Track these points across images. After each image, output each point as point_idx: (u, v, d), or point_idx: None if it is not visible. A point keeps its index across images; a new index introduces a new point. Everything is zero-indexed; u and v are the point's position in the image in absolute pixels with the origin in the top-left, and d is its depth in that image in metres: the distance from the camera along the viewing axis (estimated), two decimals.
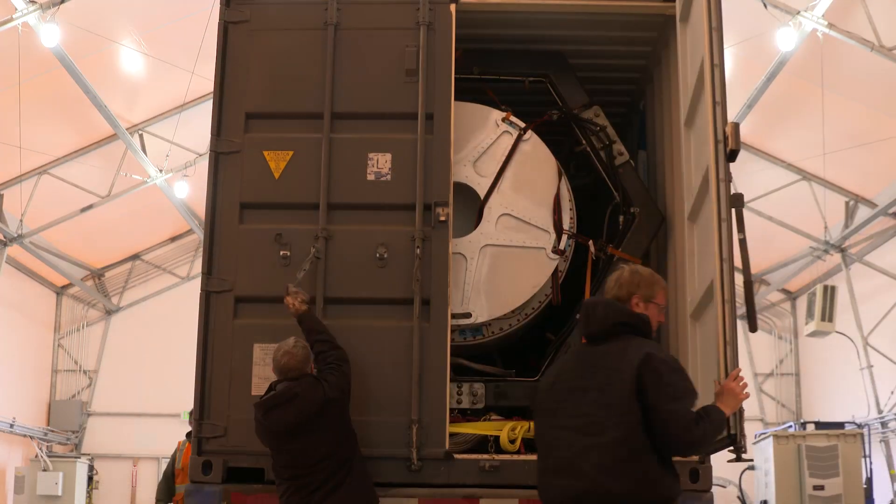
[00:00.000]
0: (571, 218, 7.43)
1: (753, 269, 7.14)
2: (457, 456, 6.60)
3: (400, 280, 6.63)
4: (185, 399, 6.94)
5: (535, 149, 7.46)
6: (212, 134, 6.95)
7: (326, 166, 6.82)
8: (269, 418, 6.10)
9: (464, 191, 7.33)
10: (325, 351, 6.30)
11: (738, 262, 5.53)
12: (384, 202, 6.79)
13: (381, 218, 6.77)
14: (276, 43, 7.08)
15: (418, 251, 6.60)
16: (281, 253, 6.74)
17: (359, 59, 7.01)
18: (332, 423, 6.14)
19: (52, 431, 22.74)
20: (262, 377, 6.58)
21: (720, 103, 5.72)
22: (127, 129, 18.06)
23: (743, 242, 5.58)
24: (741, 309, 5.95)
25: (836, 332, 18.16)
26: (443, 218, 6.64)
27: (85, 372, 23.90)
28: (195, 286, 7.09)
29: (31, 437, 21.66)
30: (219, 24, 7.12)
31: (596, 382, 4.72)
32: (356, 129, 6.92)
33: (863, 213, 18.19)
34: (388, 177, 6.81)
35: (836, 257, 19.64)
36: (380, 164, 6.84)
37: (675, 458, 5.36)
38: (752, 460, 17.27)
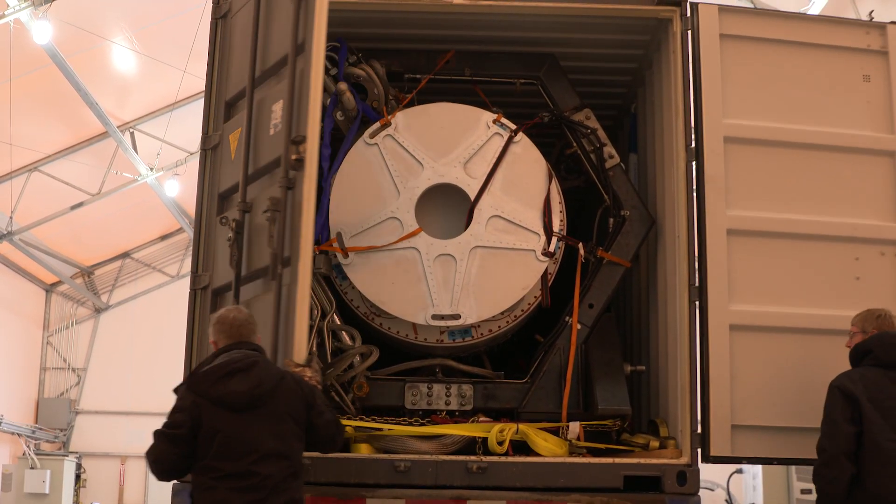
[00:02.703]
0: (561, 220, 7.43)
1: None
2: (444, 457, 6.60)
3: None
4: (174, 398, 6.92)
5: (525, 151, 7.46)
6: (202, 132, 6.92)
7: (245, 133, 6.44)
8: (220, 389, 5.12)
9: (454, 192, 7.32)
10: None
11: None
12: (275, 156, 6.13)
13: (275, 175, 6.09)
14: (242, 23, 6.87)
15: (268, 202, 5.86)
16: (228, 236, 6.31)
17: (281, 13, 6.53)
18: (284, 414, 5.21)
19: (40, 429, 22.71)
20: None
21: None
22: (118, 127, 18.05)
23: None
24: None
25: None
26: (294, 156, 5.79)
27: (73, 370, 23.88)
28: (185, 284, 7.07)
29: (19, 435, 21.63)
30: (211, 21, 7.12)
31: None
32: (270, 86, 6.44)
33: None
34: (279, 126, 6.21)
35: None
36: (276, 114, 6.24)
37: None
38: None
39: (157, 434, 5.17)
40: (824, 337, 6.87)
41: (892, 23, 7.56)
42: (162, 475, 5.24)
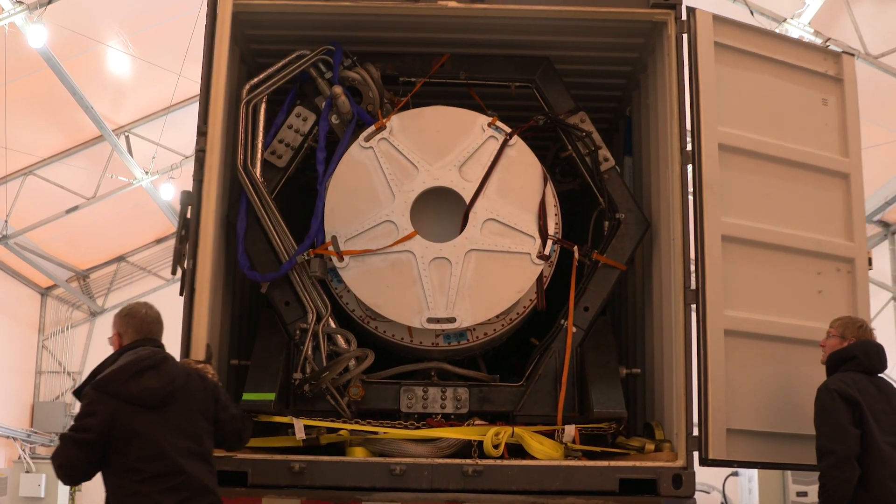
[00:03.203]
0: (557, 223, 7.43)
1: None
2: (440, 460, 6.61)
3: None
4: None
5: (520, 154, 7.46)
6: (198, 133, 6.93)
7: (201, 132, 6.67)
8: (133, 387, 5.02)
9: (449, 195, 7.32)
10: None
11: None
12: None
13: None
14: None
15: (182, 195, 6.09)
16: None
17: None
18: (195, 411, 5.21)
19: (36, 433, 22.64)
20: None
21: None
22: (113, 131, 18.03)
23: None
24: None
25: None
26: (198, 147, 6.04)
27: (69, 374, 23.81)
28: None
29: (14, 439, 21.57)
30: (206, 25, 7.12)
31: (892, 408, 6.39)
32: None
33: None
34: None
35: None
36: None
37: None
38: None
39: (64, 438, 5.04)
40: (795, 346, 7.12)
41: (845, 52, 7.91)
42: (69, 480, 5.15)
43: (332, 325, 7.21)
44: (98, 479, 5.19)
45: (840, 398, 6.24)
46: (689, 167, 7.02)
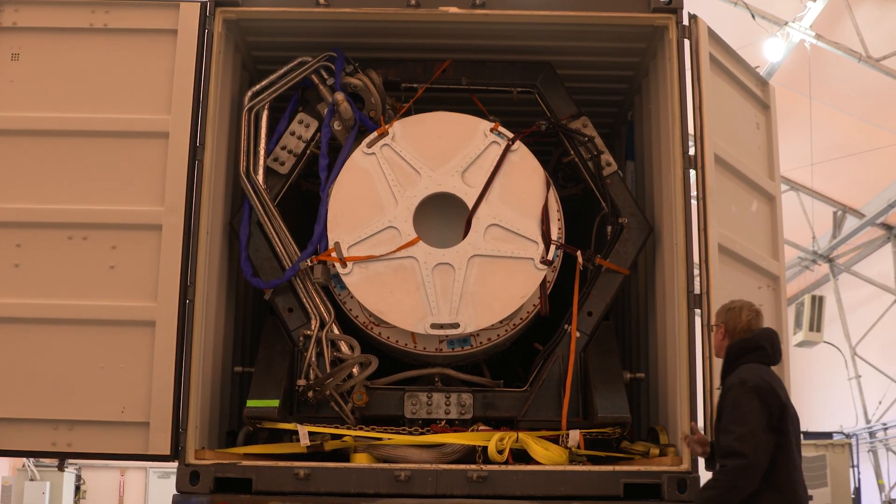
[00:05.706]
0: (559, 228, 7.43)
1: None
2: (445, 466, 6.61)
3: None
4: None
5: (523, 159, 7.46)
6: None
7: None
8: None
9: (452, 201, 7.33)
10: None
11: None
12: None
13: None
14: None
15: None
16: None
17: None
18: None
19: None
20: None
21: None
22: None
23: None
24: None
25: (824, 342, 18.24)
26: None
27: None
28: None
29: None
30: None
31: None
32: None
33: (850, 223, 18.29)
34: None
35: (823, 267, 19.73)
36: None
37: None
38: None
39: None
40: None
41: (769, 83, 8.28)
42: None
43: (336, 331, 7.22)
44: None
45: (757, 397, 5.56)
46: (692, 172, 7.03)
